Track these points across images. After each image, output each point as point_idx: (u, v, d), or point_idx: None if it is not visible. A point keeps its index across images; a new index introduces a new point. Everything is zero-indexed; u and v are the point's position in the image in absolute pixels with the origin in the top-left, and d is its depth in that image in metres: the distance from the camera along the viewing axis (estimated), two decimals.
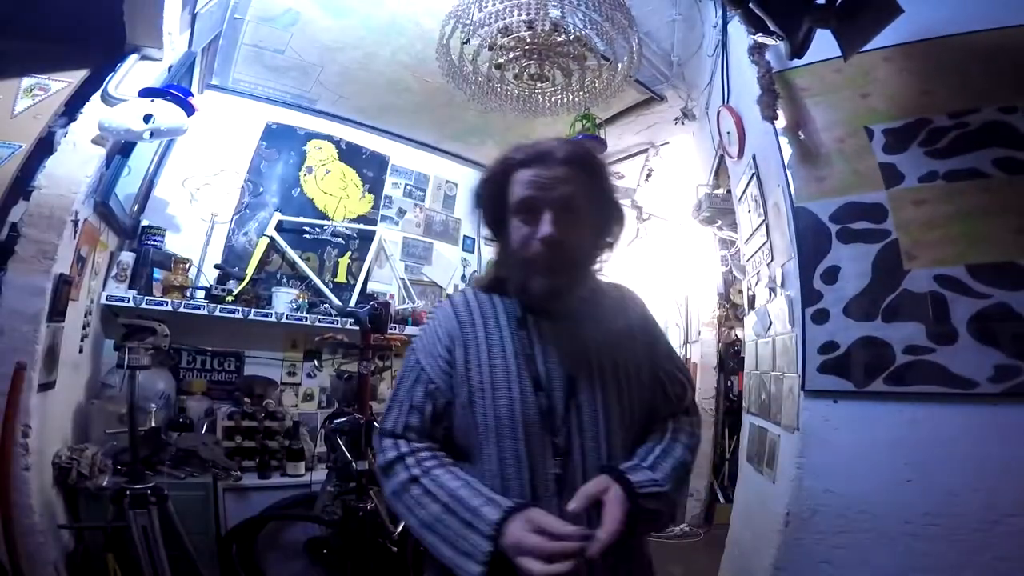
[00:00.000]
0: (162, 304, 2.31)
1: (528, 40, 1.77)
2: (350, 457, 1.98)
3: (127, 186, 2.22)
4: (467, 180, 4.00)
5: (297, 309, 2.74)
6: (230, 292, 2.59)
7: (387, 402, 0.97)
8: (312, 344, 2.87)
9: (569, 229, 0.85)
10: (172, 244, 2.61)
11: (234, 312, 2.52)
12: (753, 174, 1.79)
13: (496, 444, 0.85)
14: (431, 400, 0.90)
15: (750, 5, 1.30)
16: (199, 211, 2.78)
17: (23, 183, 1.78)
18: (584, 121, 2.81)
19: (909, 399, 1.29)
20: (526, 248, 0.86)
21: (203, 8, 2.13)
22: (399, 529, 1.90)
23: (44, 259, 1.68)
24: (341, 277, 3.13)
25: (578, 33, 1.77)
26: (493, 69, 1.91)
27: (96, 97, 1.88)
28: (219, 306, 2.48)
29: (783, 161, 1.53)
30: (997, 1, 1.34)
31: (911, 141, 1.36)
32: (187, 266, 2.53)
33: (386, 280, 3.39)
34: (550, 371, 0.88)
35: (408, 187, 3.61)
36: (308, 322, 2.72)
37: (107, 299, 2.22)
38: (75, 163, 1.79)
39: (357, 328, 2.30)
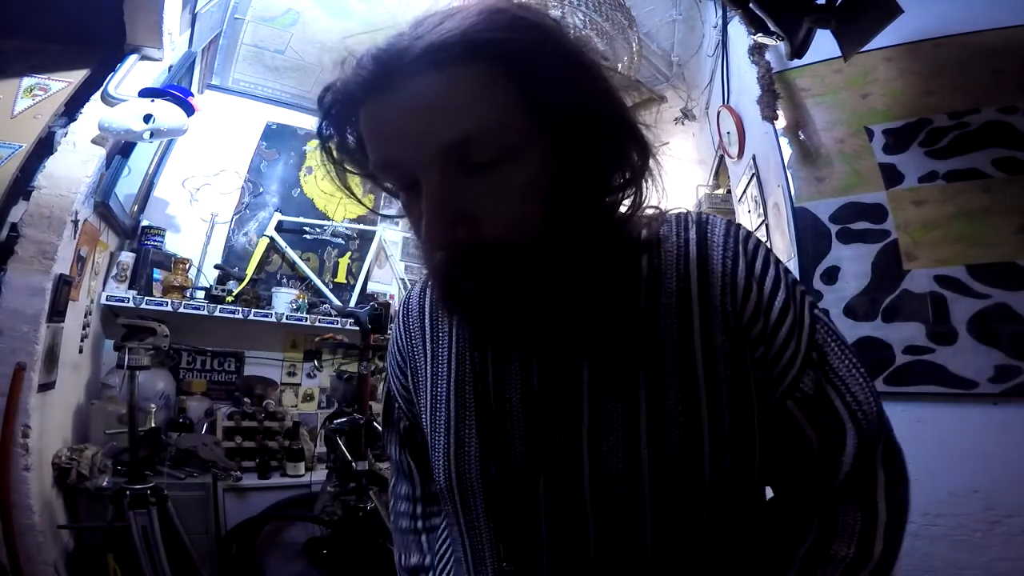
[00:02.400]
0: (162, 304, 2.31)
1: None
2: (350, 457, 1.98)
3: (127, 186, 2.22)
4: None
5: (297, 309, 2.74)
6: (230, 292, 2.58)
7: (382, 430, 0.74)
8: (312, 344, 2.87)
9: (481, 196, 0.43)
10: (172, 244, 2.61)
11: (234, 312, 2.52)
12: (753, 174, 1.79)
13: (449, 516, 0.58)
14: (408, 442, 0.67)
15: (750, 5, 1.30)
16: (199, 211, 2.78)
17: (23, 183, 1.78)
18: None
19: (909, 399, 1.29)
20: (423, 247, 0.50)
21: (203, 8, 2.13)
22: None
23: (44, 259, 1.68)
24: (341, 277, 3.13)
25: (578, 33, 1.77)
26: None
27: (96, 97, 1.88)
28: (219, 306, 2.48)
29: (783, 161, 1.53)
30: (997, 1, 1.34)
31: (911, 141, 1.36)
32: (187, 266, 2.53)
33: (386, 280, 3.39)
34: (513, 417, 0.51)
35: None
36: (308, 322, 2.72)
37: (107, 299, 2.22)
38: (75, 163, 1.79)
39: (357, 328, 2.30)
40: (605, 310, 0.48)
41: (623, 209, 0.50)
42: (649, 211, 0.51)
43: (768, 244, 1.71)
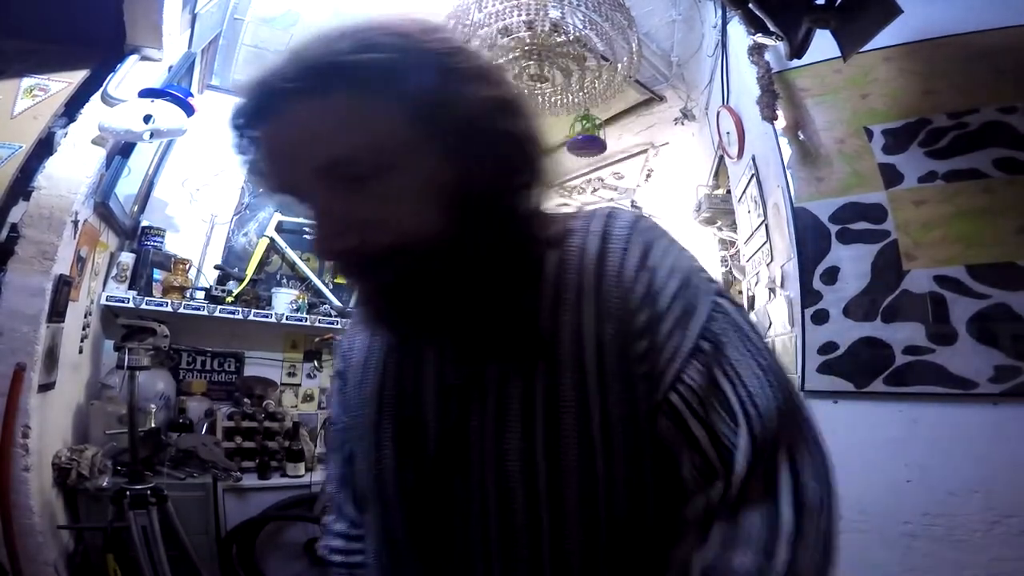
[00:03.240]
0: (162, 305, 2.31)
1: (528, 41, 1.77)
2: None
3: (127, 186, 2.22)
4: None
5: (297, 310, 2.73)
6: (230, 293, 2.58)
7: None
8: (312, 345, 2.87)
9: (365, 209, 0.44)
10: (172, 244, 2.60)
11: (234, 313, 2.51)
12: (753, 174, 1.79)
13: (371, 525, 0.58)
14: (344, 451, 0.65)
15: (750, 5, 1.30)
16: (199, 211, 2.78)
17: (23, 183, 1.78)
18: (584, 121, 2.81)
19: (909, 399, 1.29)
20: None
21: (203, 8, 2.13)
22: None
23: (44, 260, 1.68)
24: (341, 278, 3.13)
25: (578, 34, 1.77)
26: None
27: (96, 97, 1.88)
28: (219, 307, 2.48)
29: (783, 161, 1.53)
30: (997, 1, 1.34)
31: (911, 141, 1.36)
32: (187, 267, 2.52)
33: None
34: (428, 419, 0.52)
35: None
36: (308, 323, 2.72)
37: (107, 300, 2.22)
38: (75, 163, 1.79)
39: None
40: (505, 307, 0.48)
41: (531, 208, 0.50)
42: (568, 210, 0.54)
43: (768, 245, 1.71)
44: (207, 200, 2.80)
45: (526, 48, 1.80)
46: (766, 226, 1.71)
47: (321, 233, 0.45)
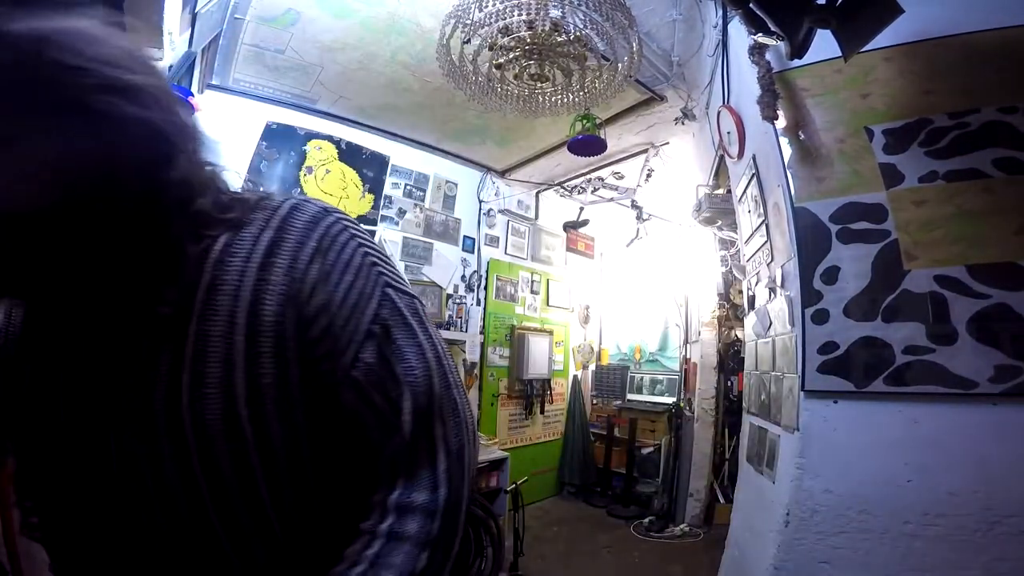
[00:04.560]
0: None
1: (528, 40, 1.77)
2: None
3: None
4: (467, 180, 4.01)
5: None
6: None
7: None
8: None
9: None
10: None
11: None
12: (753, 174, 1.79)
13: None
14: None
15: (750, 5, 1.30)
16: None
17: None
18: (584, 121, 2.81)
19: (909, 399, 1.29)
20: None
21: (203, 8, 2.13)
22: None
23: None
24: None
25: (578, 33, 1.77)
26: (493, 69, 1.91)
27: None
28: None
29: (783, 161, 1.53)
30: (997, 1, 1.34)
31: (911, 141, 1.36)
32: None
33: None
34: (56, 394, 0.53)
35: (408, 187, 3.62)
36: None
37: None
38: None
39: None
40: (120, 283, 0.49)
41: (173, 194, 0.51)
42: (253, 196, 0.57)
43: (768, 244, 1.71)
44: None
45: (526, 48, 1.80)
46: (766, 226, 1.71)
47: None
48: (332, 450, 0.56)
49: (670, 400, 4.46)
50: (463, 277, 3.87)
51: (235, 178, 2.89)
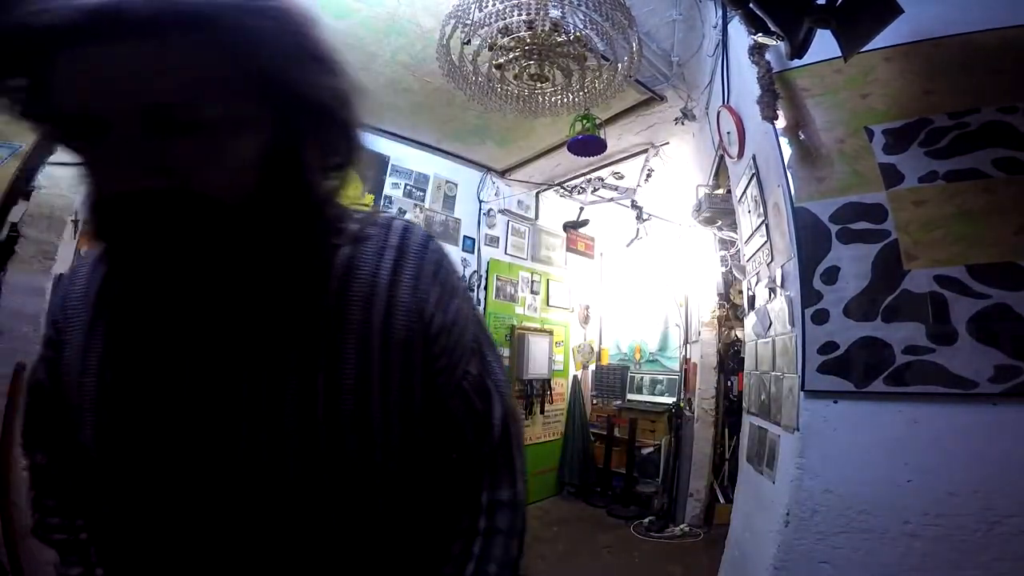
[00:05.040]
0: None
1: (528, 40, 1.77)
2: None
3: None
4: (467, 180, 4.01)
5: None
6: None
7: None
8: None
9: (186, 152, 0.43)
10: None
11: None
12: (753, 174, 1.79)
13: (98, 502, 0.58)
14: (52, 439, 0.64)
15: (750, 5, 1.30)
16: None
17: (23, 183, 1.78)
18: (584, 121, 2.81)
19: (909, 399, 1.29)
20: (96, 197, 0.47)
21: None
22: None
23: (44, 259, 1.68)
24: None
25: (578, 33, 1.77)
26: (493, 69, 1.91)
27: None
28: None
29: (783, 161, 1.53)
30: (997, 1, 1.34)
31: (911, 141, 1.36)
32: None
33: None
34: (178, 384, 0.52)
35: (408, 187, 3.62)
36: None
37: None
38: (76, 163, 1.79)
39: None
40: (290, 282, 0.51)
41: (332, 195, 0.55)
42: (364, 212, 0.61)
43: (768, 244, 1.71)
44: None
45: (526, 48, 1.80)
46: (766, 226, 1.71)
47: (120, 170, 0.43)
48: (433, 453, 0.61)
49: (670, 400, 4.46)
50: (463, 277, 3.87)
51: None
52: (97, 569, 0.60)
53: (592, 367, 5.15)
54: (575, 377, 4.86)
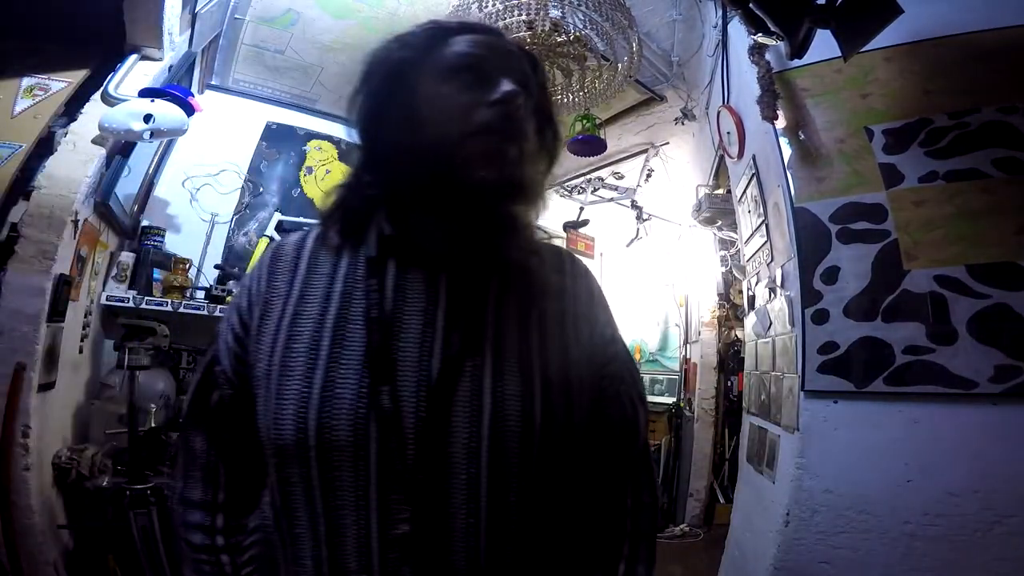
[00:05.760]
0: (162, 304, 2.31)
1: (528, 40, 1.77)
2: None
3: (127, 186, 2.22)
4: None
5: None
6: (230, 292, 2.58)
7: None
8: None
9: (521, 130, 0.56)
10: (172, 244, 2.61)
11: None
12: (753, 174, 1.79)
13: (281, 487, 0.52)
14: (225, 421, 0.60)
15: (750, 5, 1.30)
16: (199, 211, 2.78)
17: (23, 183, 1.78)
18: (584, 121, 2.80)
19: (909, 399, 1.29)
20: (465, 120, 0.53)
21: (203, 8, 2.13)
22: None
23: (44, 259, 1.68)
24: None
25: (578, 33, 1.77)
26: None
27: (96, 97, 1.88)
28: (219, 306, 2.48)
29: (783, 161, 1.53)
30: (997, 1, 1.34)
31: (911, 141, 1.36)
32: (187, 266, 2.52)
33: None
34: (407, 349, 0.52)
35: None
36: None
37: (107, 299, 2.22)
38: (75, 163, 1.79)
39: None
40: (514, 251, 0.58)
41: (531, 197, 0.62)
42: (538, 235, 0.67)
43: (768, 244, 1.71)
44: (207, 200, 2.80)
45: (526, 48, 1.80)
46: (766, 226, 1.71)
47: (510, 87, 0.54)
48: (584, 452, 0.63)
49: (670, 400, 4.46)
50: None
51: (235, 178, 2.89)
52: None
53: None
54: None
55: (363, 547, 0.49)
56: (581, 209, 4.51)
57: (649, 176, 3.73)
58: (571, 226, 4.60)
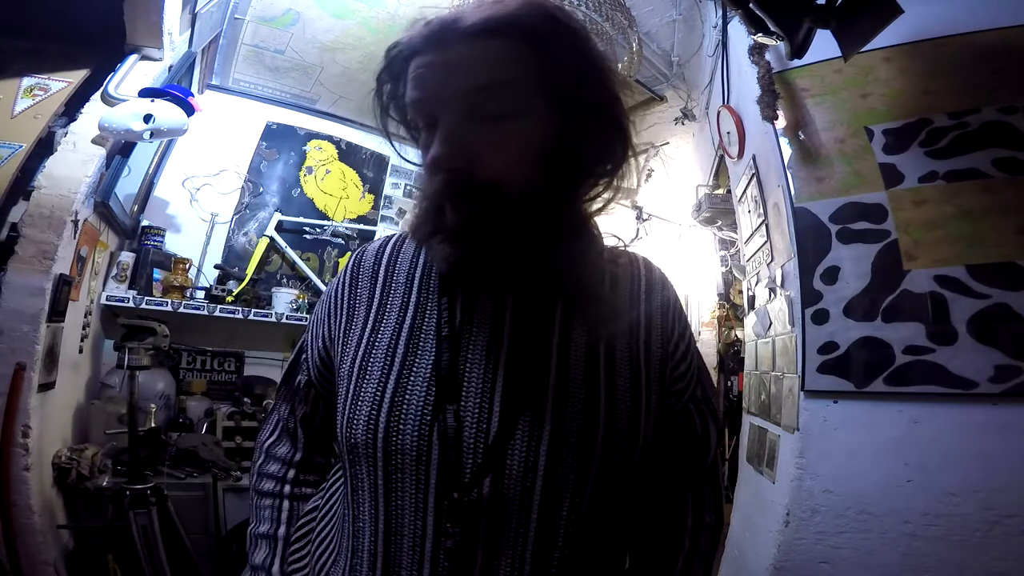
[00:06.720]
0: (162, 304, 2.31)
1: None
2: None
3: (127, 186, 2.22)
4: None
5: (297, 309, 2.74)
6: (230, 292, 2.58)
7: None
8: None
9: (485, 141, 0.51)
10: (172, 244, 2.61)
11: (234, 312, 2.52)
12: (753, 174, 1.79)
13: (351, 481, 0.56)
14: (303, 401, 0.69)
15: (750, 5, 1.30)
16: (199, 211, 2.78)
17: (23, 183, 1.78)
18: None
19: (909, 399, 1.28)
20: (424, 179, 0.55)
21: (203, 8, 2.13)
22: None
23: (44, 259, 1.68)
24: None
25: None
26: None
27: (96, 97, 1.88)
28: (219, 306, 2.48)
29: (783, 161, 1.53)
30: (997, 1, 1.34)
31: (911, 141, 1.36)
32: (187, 266, 2.53)
33: None
34: (473, 370, 0.53)
35: (408, 187, 3.61)
36: (308, 322, 2.72)
37: (107, 299, 2.22)
38: (75, 163, 1.79)
39: None
40: (578, 270, 0.57)
41: (596, 203, 0.61)
42: (610, 241, 0.67)
43: (768, 244, 1.71)
44: (207, 200, 2.81)
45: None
46: (766, 226, 1.71)
47: (438, 149, 0.50)
48: (649, 464, 0.64)
49: None
50: None
51: (235, 178, 2.89)
52: (281, 527, 0.65)
53: None
54: None
55: (416, 549, 0.51)
56: None
57: (649, 176, 3.73)
58: None
